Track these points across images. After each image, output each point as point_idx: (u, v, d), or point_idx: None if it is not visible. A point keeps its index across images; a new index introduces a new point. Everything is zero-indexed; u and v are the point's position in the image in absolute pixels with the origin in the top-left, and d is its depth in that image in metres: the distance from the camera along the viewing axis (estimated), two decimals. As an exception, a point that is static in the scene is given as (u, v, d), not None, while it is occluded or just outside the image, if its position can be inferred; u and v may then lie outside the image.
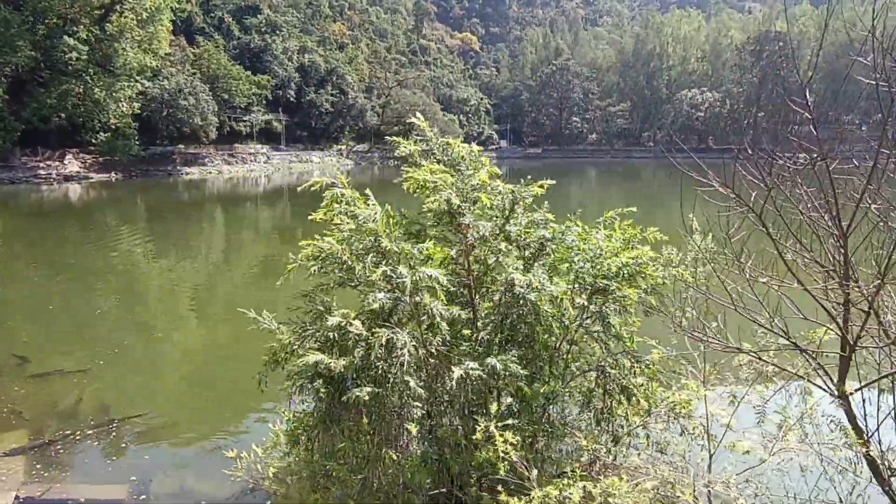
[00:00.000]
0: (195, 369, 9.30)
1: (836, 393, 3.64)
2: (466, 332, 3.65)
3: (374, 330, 3.24)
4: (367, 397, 3.08)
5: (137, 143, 51.92)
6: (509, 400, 3.45)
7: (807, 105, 3.29)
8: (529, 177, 4.38)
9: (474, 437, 3.08)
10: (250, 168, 66.98)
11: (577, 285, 4.12)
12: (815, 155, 3.66)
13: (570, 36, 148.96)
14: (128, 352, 9.67)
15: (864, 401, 3.73)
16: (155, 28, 50.26)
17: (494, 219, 4.17)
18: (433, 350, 3.34)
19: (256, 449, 4.57)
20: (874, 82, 3.46)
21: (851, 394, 3.64)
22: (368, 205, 3.71)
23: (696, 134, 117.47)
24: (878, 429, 3.73)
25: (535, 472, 3.11)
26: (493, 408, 3.27)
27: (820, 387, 3.67)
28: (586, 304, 3.81)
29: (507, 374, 3.40)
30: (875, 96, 3.78)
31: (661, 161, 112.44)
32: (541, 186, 4.21)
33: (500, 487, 3.06)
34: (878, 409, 3.75)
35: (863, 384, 3.69)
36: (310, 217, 3.81)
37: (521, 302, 3.65)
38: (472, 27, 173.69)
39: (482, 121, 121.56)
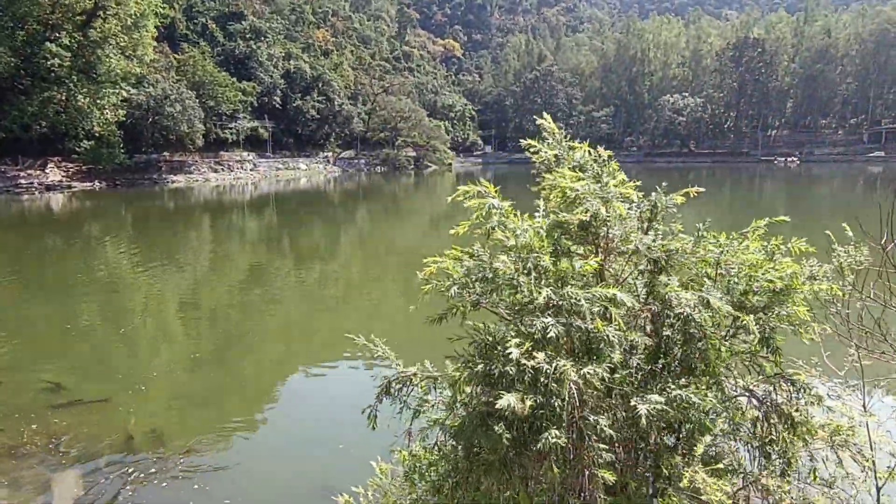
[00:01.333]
0: (239, 391, 8.62)
1: None
2: (617, 357, 3.26)
3: (555, 363, 2.83)
4: (563, 442, 2.68)
5: (122, 151, 50.81)
6: (709, 438, 3.08)
7: None
8: (665, 183, 4.00)
9: (678, 483, 2.70)
10: (237, 176, 66.02)
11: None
12: None
13: (553, 42, 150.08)
14: (163, 374, 8.96)
15: None
16: (140, 34, 49.28)
17: (633, 230, 3.79)
18: (596, 382, 2.94)
19: (364, 491, 4.10)
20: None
21: None
22: (524, 217, 3.31)
23: (678, 138, 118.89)
24: None
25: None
26: (699, 449, 2.88)
27: None
28: (754, 323, 3.44)
29: (691, 406, 3.02)
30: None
31: (645, 165, 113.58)
32: (685, 194, 3.84)
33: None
34: None
35: None
36: (451, 232, 3.39)
37: (692, 324, 3.26)
38: (454, 34, 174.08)
39: (467, 127, 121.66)
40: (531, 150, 3.76)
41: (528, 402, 2.67)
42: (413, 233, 30.01)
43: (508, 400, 2.63)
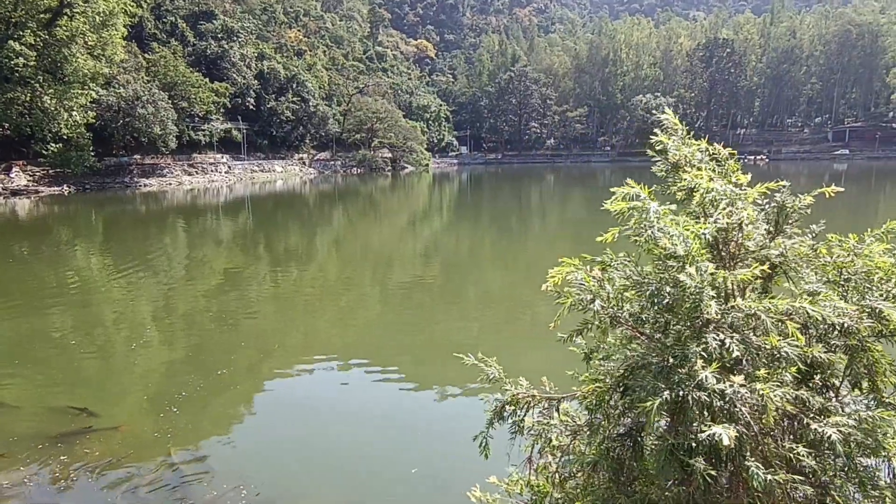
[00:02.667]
0: (283, 413, 7.84)
1: None
2: (789, 377, 2.91)
3: (753, 386, 2.47)
4: (781, 478, 2.32)
5: (92, 154, 49.13)
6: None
7: None
8: (786, 182, 3.67)
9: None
10: (211, 178, 64.56)
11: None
12: None
13: (526, 42, 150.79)
14: (192, 394, 8.19)
15: None
16: (109, 33, 47.69)
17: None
18: (788, 407, 2.59)
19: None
20: None
21: None
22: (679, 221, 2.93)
23: (651, 137, 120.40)
24: None
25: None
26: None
27: None
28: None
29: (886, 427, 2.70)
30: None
31: (620, 164, 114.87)
32: (819, 194, 3.51)
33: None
34: None
35: None
36: (598, 239, 3.00)
37: (853, 336, 2.94)
38: (426, 34, 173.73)
39: (442, 127, 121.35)
40: (657, 146, 3.39)
41: (733, 432, 2.31)
42: (391, 235, 29.57)
43: (723, 433, 2.25)
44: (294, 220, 36.04)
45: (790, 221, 3.65)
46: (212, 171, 66.07)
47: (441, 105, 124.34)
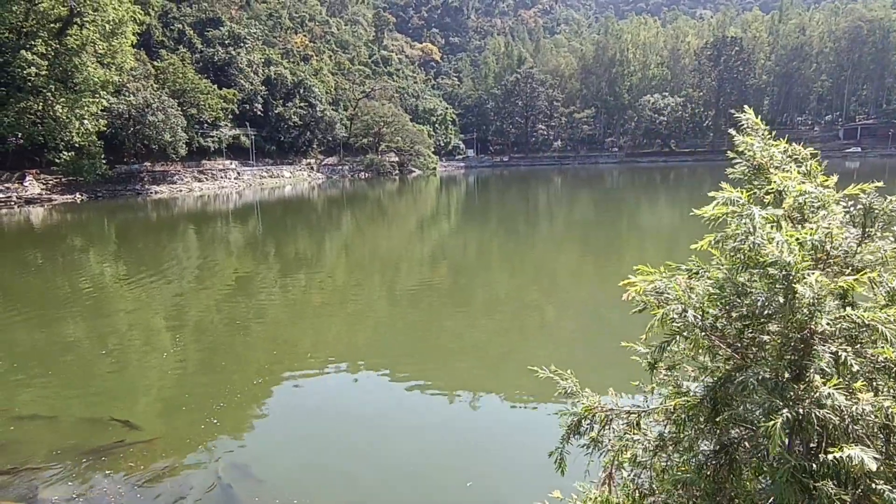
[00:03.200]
0: (326, 421, 7.67)
1: None
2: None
3: (882, 403, 2.28)
4: None
5: (103, 161, 49.31)
6: None
7: None
8: (876, 182, 3.47)
9: None
10: (221, 185, 64.68)
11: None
12: None
13: (532, 44, 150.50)
14: (232, 404, 7.98)
15: None
16: (118, 41, 47.89)
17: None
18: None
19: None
20: None
21: None
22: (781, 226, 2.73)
23: (659, 138, 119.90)
24: None
25: None
26: None
27: None
28: None
29: None
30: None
31: (627, 165, 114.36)
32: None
33: None
34: None
35: None
36: (693, 247, 2.82)
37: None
38: (431, 37, 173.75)
39: (449, 131, 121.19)
40: (740, 147, 3.20)
41: (871, 455, 2.12)
42: (400, 239, 29.43)
43: (863, 456, 2.06)
44: (304, 225, 35.98)
45: (877, 224, 3.44)
46: (221, 177, 66.22)
47: (447, 108, 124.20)
